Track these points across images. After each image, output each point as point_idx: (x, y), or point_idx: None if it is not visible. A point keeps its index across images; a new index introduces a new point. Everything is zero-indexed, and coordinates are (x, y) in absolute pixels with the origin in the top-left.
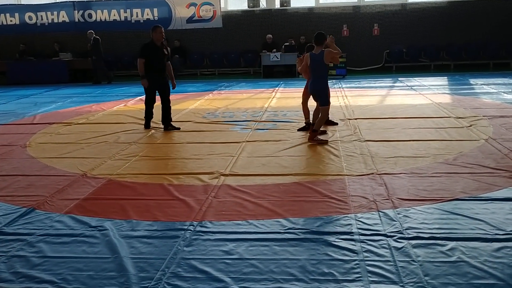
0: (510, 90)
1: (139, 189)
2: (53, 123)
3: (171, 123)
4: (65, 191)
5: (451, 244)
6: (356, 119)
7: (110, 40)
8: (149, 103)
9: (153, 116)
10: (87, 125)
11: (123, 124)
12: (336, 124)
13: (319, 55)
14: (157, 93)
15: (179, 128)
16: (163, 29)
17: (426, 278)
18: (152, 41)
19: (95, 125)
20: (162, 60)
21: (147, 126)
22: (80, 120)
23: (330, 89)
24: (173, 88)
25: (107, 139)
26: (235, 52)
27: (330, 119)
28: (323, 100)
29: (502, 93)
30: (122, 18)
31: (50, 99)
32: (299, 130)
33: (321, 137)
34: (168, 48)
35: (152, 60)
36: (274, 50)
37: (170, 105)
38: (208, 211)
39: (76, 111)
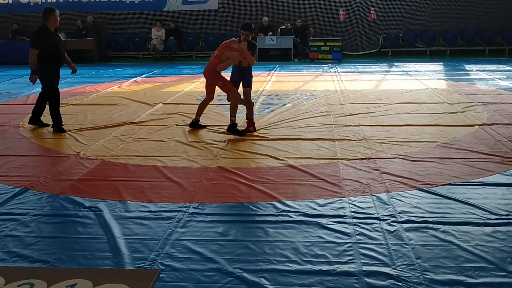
0: (505, 76)
1: (133, 171)
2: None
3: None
4: (58, 172)
5: (443, 228)
6: (351, 103)
7: (105, 20)
8: (57, 103)
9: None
10: (81, 106)
11: (117, 106)
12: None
13: None
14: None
15: (48, 125)
16: (58, 12)
17: (418, 261)
18: (45, 27)
19: (89, 106)
20: (60, 50)
21: (61, 129)
22: (74, 101)
23: (326, 73)
24: (74, 72)
25: (101, 121)
26: (231, 35)
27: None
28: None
29: (497, 80)
30: None
31: None
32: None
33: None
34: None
35: (51, 50)
36: (270, 33)
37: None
38: (203, 193)
39: (70, 92)
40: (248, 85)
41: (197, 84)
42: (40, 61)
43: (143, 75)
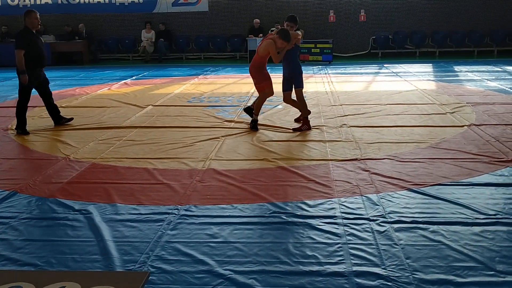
0: (493, 77)
1: (123, 173)
2: (36, 106)
3: (61, 114)
4: (48, 175)
5: (433, 228)
6: (341, 105)
7: (94, 23)
8: (25, 104)
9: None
10: (70, 108)
11: (107, 108)
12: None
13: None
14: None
15: (72, 118)
16: (38, 13)
17: (407, 261)
18: (27, 28)
19: (78, 108)
20: (42, 51)
21: (25, 131)
22: (63, 104)
23: (316, 75)
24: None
25: (91, 123)
26: (221, 37)
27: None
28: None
29: (486, 81)
30: (107, 1)
31: None
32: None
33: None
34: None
35: (33, 51)
36: (261, 35)
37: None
38: (193, 195)
39: (59, 94)
40: (298, 85)
41: (187, 86)
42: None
43: (133, 77)
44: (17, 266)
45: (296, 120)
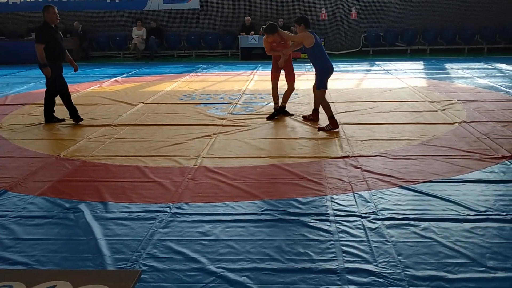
0: (483, 74)
1: (114, 171)
2: (26, 104)
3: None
4: (38, 173)
5: (424, 224)
6: (333, 102)
7: (85, 20)
8: (52, 97)
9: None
10: (61, 106)
11: (98, 106)
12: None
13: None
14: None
15: (82, 119)
16: (56, 8)
17: (399, 257)
18: (46, 22)
19: None
20: (61, 45)
21: (54, 118)
22: None
23: (308, 72)
24: (75, 71)
25: (81, 121)
26: (213, 34)
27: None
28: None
29: (476, 78)
30: None
31: (22, 79)
32: (268, 118)
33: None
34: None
35: (52, 45)
36: (252, 32)
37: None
38: (185, 193)
39: None
40: (318, 86)
41: (178, 84)
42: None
43: (124, 75)
44: (8, 265)
45: (304, 118)
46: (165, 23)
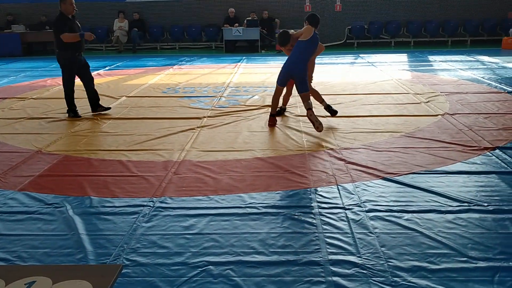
0: (466, 67)
1: (97, 166)
2: (6, 98)
3: (99, 103)
4: (19, 168)
5: (407, 216)
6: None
7: None
8: (71, 90)
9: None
10: (41, 100)
11: (80, 99)
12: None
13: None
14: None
15: (109, 108)
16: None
17: (382, 249)
18: (63, 14)
19: (50, 100)
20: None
21: (75, 114)
22: (34, 95)
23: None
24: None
25: (63, 115)
26: (197, 26)
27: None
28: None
29: (459, 70)
30: None
31: (2, 73)
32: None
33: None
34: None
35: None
36: (236, 24)
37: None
38: (168, 187)
39: (30, 85)
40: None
41: (162, 77)
42: (60, 48)
43: (107, 68)
44: None
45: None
46: (148, 15)
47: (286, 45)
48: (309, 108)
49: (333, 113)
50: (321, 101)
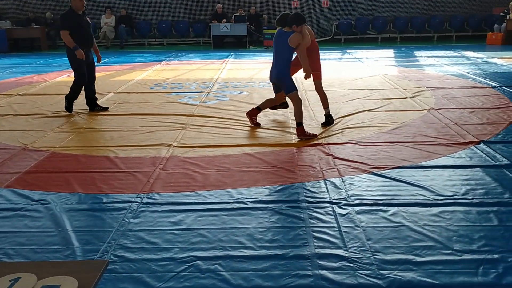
0: (452, 62)
1: (84, 162)
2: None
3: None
4: (5, 165)
5: (393, 209)
6: (305, 90)
7: (53, 8)
8: (81, 85)
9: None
10: (28, 96)
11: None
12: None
13: (285, 34)
14: None
15: (107, 108)
16: None
17: (368, 242)
18: (72, 9)
19: (36, 96)
20: (88, 32)
21: (70, 107)
22: (20, 92)
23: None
24: (98, 61)
25: (50, 111)
26: (184, 22)
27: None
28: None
29: (445, 65)
30: None
31: None
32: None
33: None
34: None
35: (77, 32)
36: (224, 20)
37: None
38: (156, 183)
39: (17, 82)
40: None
41: (149, 73)
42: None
43: None
44: None
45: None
46: (135, 10)
47: (301, 24)
48: (299, 123)
49: (327, 124)
50: (326, 107)
